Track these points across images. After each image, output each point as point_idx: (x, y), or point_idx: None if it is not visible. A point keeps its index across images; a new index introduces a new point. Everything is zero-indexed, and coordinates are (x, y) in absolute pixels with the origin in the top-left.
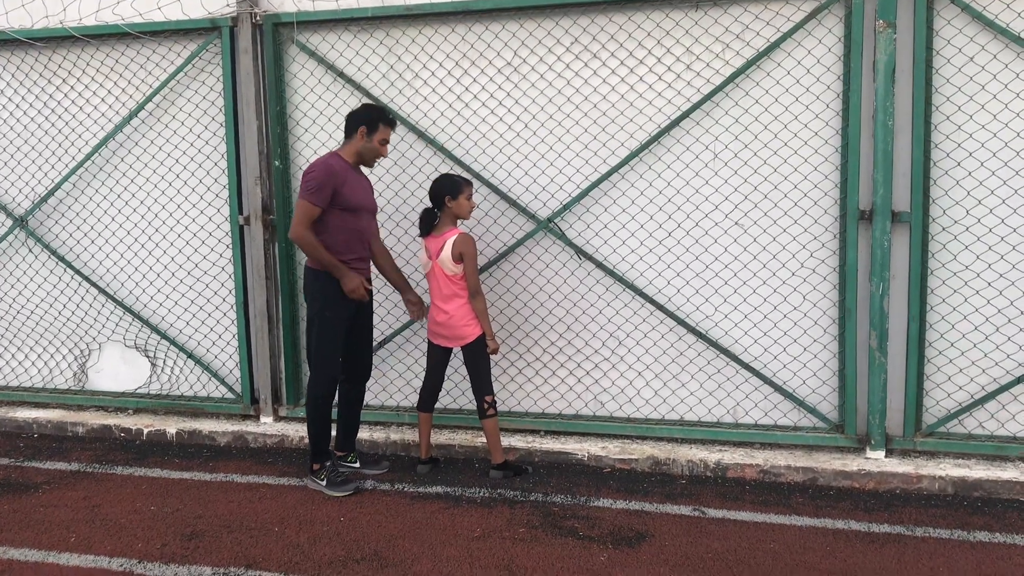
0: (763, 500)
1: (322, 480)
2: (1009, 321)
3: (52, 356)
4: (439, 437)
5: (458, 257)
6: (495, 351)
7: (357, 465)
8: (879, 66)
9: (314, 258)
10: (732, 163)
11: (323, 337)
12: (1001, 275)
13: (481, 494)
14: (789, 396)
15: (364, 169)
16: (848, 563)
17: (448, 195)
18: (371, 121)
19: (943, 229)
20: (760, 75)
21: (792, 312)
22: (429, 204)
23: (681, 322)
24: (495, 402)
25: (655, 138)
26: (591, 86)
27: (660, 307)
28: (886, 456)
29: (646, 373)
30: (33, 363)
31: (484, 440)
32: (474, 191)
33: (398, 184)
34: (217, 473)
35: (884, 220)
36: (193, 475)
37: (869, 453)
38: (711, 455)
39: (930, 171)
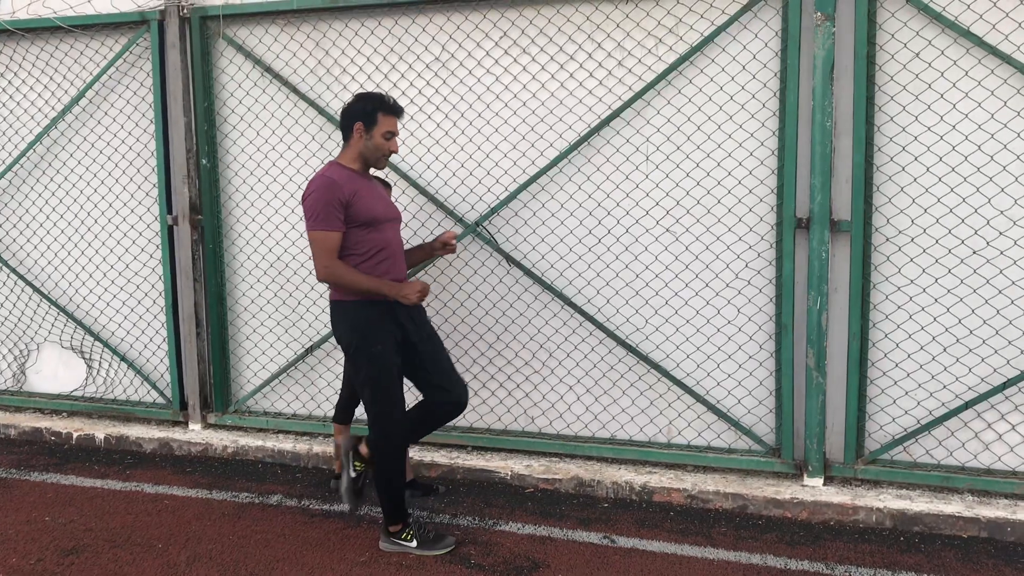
0: (682, 529)
1: (411, 541)
2: (957, 341)
3: None
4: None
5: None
6: None
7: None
8: (817, 62)
9: (353, 288)
10: (664, 166)
11: (381, 377)
12: (949, 291)
13: None
14: (723, 416)
15: (375, 172)
16: None
17: None
18: (367, 114)
19: (887, 239)
20: (693, 72)
21: (726, 326)
22: None
23: (611, 334)
24: None
25: (584, 138)
26: (520, 83)
27: (589, 318)
28: (825, 483)
29: (577, 388)
30: None
31: (408, 455)
32: (398, 193)
33: None
34: (129, 482)
35: (822, 229)
36: (105, 483)
37: (806, 480)
38: (638, 477)
39: (872, 176)
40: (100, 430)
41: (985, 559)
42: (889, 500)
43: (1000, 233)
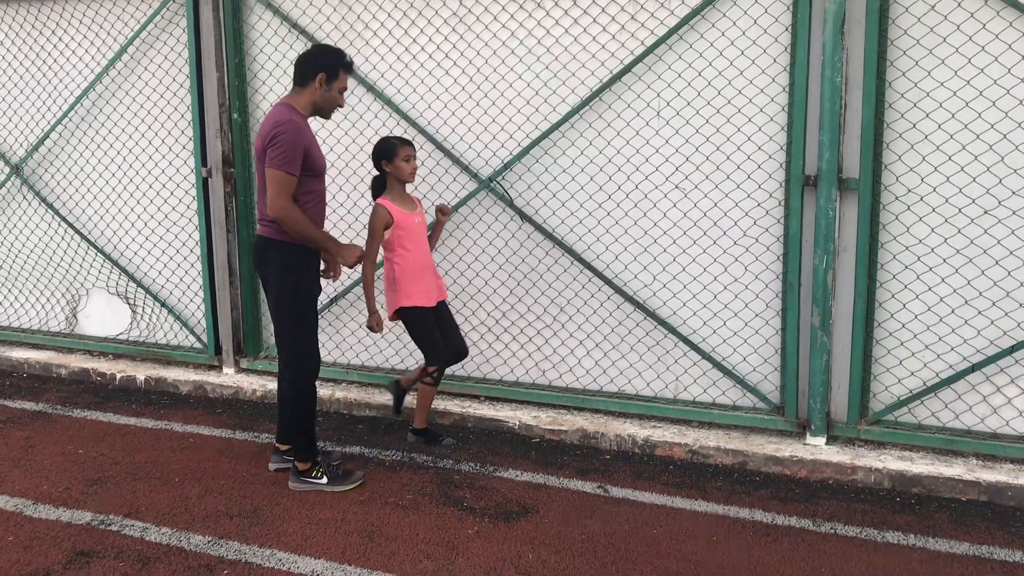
0: (678, 482)
1: (321, 478)
2: (966, 302)
3: (48, 299)
4: (378, 397)
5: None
6: (372, 328)
7: None
8: (827, 15)
9: (300, 233)
10: (674, 121)
11: (305, 318)
12: (958, 251)
13: (394, 457)
14: (728, 373)
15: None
16: (726, 557)
17: (384, 159)
18: (331, 67)
19: (896, 198)
20: (704, 26)
21: (733, 284)
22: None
23: (619, 290)
24: (435, 373)
25: (596, 94)
26: (535, 37)
27: (599, 274)
28: (827, 443)
29: (587, 342)
30: (32, 305)
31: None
32: (417, 149)
33: (348, 139)
34: (161, 421)
35: (829, 187)
36: (139, 421)
37: (809, 439)
38: (641, 431)
39: (883, 133)
40: (141, 372)
41: (979, 522)
42: (890, 461)
43: (1013, 192)
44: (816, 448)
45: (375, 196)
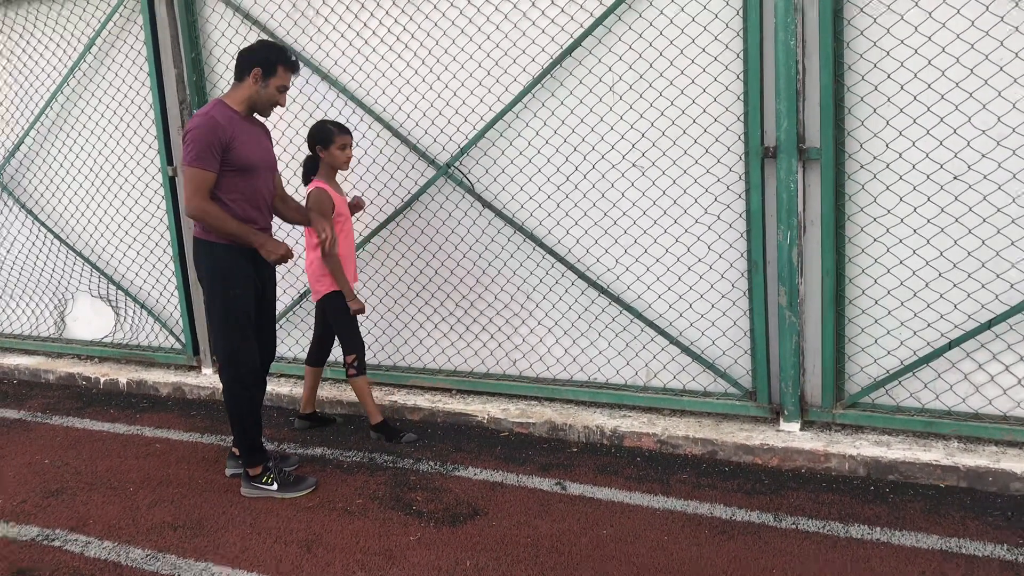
0: (641, 475)
1: (271, 484)
2: (940, 275)
3: (37, 304)
4: (349, 394)
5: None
6: (358, 311)
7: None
8: None
9: (221, 231)
10: (628, 96)
11: (235, 320)
12: (929, 220)
13: (354, 458)
14: (697, 358)
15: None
16: (672, 559)
17: (319, 144)
18: (268, 63)
19: (861, 167)
20: None
21: (697, 264)
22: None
23: (582, 275)
24: (357, 361)
25: (547, 71)
26: (484, 15)
27: (561, 259)
28: (802, 429)
29: (555, 330)
30: (23, 311)
31: (393, 399)
32: (372, 135)
33: (306, 129)
34: (134, 426)
35: (790, 158)
36: (113, 427)
37: (782, 424)
38: (610, 421)
39: (843, 98)
40: (124, 375)
41: (954, 511)
42: (865, 447)
43: (983, 155)
44: (789, 435)
45: (305, 179)
